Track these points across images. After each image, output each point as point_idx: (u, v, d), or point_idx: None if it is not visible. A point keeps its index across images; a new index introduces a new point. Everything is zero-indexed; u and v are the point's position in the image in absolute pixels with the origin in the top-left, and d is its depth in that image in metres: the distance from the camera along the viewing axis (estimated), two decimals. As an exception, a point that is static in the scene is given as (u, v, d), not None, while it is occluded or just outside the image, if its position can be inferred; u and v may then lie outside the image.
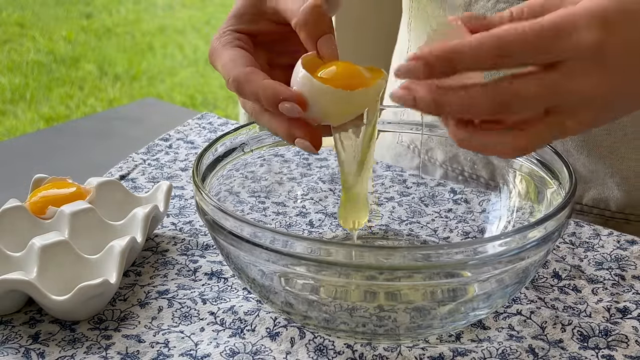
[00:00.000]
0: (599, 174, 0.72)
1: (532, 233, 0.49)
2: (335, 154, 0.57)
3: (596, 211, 0.74)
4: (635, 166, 0.71)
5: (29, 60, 3.33)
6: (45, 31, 3.62)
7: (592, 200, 0.74)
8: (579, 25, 0.43)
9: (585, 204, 0.75)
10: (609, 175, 0.72)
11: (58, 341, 0.54)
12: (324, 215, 0.69)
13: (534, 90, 0.44)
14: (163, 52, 3.53)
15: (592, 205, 0.74)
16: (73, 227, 0.61)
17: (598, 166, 0.72)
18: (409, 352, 0.52)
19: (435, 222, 0.68)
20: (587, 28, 0.43)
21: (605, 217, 0.74)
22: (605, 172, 0.72)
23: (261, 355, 0.53)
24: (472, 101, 0.44)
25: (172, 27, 3.77)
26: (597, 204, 0.74)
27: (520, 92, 0.44)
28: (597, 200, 0.74)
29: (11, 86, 3.11)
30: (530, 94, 0.44)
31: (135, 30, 3.71)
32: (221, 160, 0.62)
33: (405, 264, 0.48)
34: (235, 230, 0.51)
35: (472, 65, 0.44)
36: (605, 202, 0.73)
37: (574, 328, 0.55)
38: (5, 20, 3.70)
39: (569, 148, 0.73)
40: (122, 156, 0.83)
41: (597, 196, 0.74)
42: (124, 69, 3.33)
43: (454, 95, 0.45)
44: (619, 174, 0.72)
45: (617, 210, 0.73)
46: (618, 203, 0.73)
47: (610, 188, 0.73)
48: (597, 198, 0.74)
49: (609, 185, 0.72)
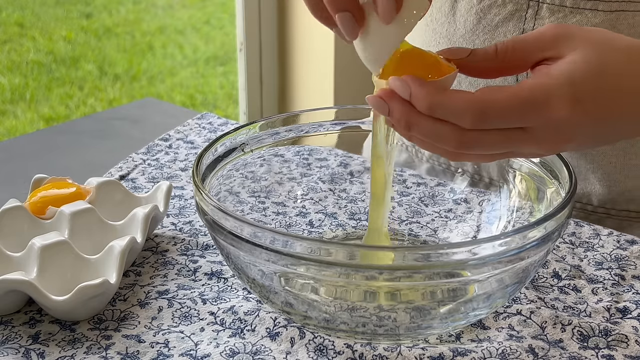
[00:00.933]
0: (581, 169, 0.73)
1: (532, 233, 0.49)
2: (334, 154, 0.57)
3: (579, 206, 0.75)
4: (616, 162, 0.71)
5: (28, 60, 3.33)
6: (45, 31, 3.62)
7: (575, 195, 0.75)
8: (553, 101, 0.47)
9: None
10: (590, 171, 0.72)
11: (58, 341, 0.54)
12: (324, 215, 0.69)
13: (498, 141, 0.49)
14: (163, 52, 3.53)
15: (575, 200, 0.75)
16: (73, 227, 0.61)
17: (580, 161, 0.73)
18: (409, 352, 0.52)
19: (435, 222, 0.68)
20: (560, 104, 0.47)
21: (588, 211, 0.74)
22: (587, 168, 0.73)
23: (261, 355, 0.53)
24: (439, 135, 0.49)
25: (172, 27, 3.77)
26: (580, 199, 0.74)
27: (485, 140, 0.48)
28: (579, 195, 0.74)
29: (11, 86, 3.10)
30: (494, 143, 0.49)
31: (135, 30, 3.71)
32: (221, 160, 0.62)
33: (405, 264, 0.48)
34: (235, 230, 0.51)
35: (449, 117, 0.48)
36: (587, 197, 0.74)
37: (574, 328, 0.55)
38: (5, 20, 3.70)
39: None
40: (122, 156, 0.83)
41: (579, 191, 0.74)
42: (124, 69, 3.33)
43: (424, 123, 0.49)
44: (600, 170, 0.72)
45: (599, 204, 0.74)
46: (600, 198, 0.73)
47: (592, 183, 0.73)
48: (579, 193, 0.74)
49: (591, 181, 0.73)
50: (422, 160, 0.81)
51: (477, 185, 0.74)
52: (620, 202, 0.73)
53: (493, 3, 0.70)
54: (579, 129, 0.49)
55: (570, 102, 0.47)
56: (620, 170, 0.71)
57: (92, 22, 3.76)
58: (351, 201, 0.71)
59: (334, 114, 0.67)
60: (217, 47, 3.57)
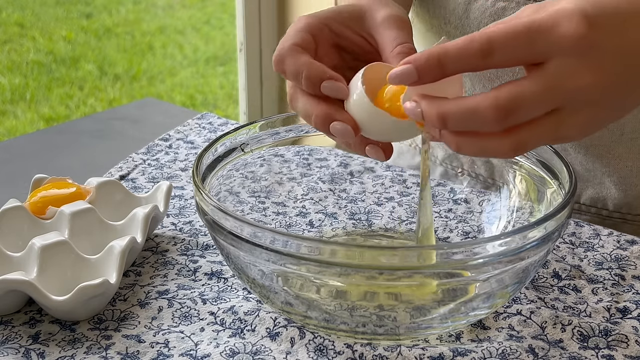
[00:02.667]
0: (596, 173, 0.72)
1: (532, 233, 0.49)
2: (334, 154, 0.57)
3: (594, 210, 0.74)
4: (632, 165, 0.71)
5: (28, 61, 3.33)
6: (45, 31, 3.62)
7: (590, 200, 0.74)
8: (560, 20, 0.44)
9: (583, 203, 0.75)
10: (606, 175, 0.72)
11: (58, 341, 0.54)
12: (324, 215, 0.69)
13: (532, 90, 0.44)
14: (163, 52, 3.53)
15: (589, 204, 0.74)
16: (73, 227, 0.61)
17: (595, 165, 0.72)
18: (409, 352, 0.52)
19: (435, 222, 0.68)
20: (569, 21, 0.44)
21: (603, 216, 0.74)
22: (602, 172, 0.72)
23: (261, 355, 0.53)
24: (474, 107, 0.45)
25: (172, 27, 3.77)
26: (595, 203, 0.74)
27: (520, 94, 0.44)
28: (594, 200, 0.74)
29: (11, 86, 3.10)
30: (530, 95, 0.44)
31: (135, 30, 3.71)
32: (221, 160, 0.62)
33: (405, 264, 0.48)
34: (235, 231, 0.51)
35: (459, 65, 0.45)
36: (602, 201, 0.74)
37: (574, 328, 0.55)
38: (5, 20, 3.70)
39: (566, 147, 0.73)
40: (122, 156, 0.83)
41: (594, 195, 0.74)
42: (124, 69, 3.33)
43: (453, 103, 0.45)
44: (616, 173, 0.72)
45: (615, 209, 0.73)
46: (615, 202, 0.73)
47: (608, 187, 0.73)
48: (594, 197, 0.74)
49: (607, 185, 0.73)
50: (436, 164, 0.80)
51: (477, 185, 0.74)
52: (636, 207, 0.73)
53: (507, 5, 0.69)
54: (603, 48, 0.44)
55: (582, 19, 0.44)
56: (637, 174, 0.71)
57: (92, 22, 3.76)
58: (351, 201, 0.71)
59: (334, 114, 0.67)
60: (217, 47, 3.57)
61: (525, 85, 0.44)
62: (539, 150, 0.60)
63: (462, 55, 0.45)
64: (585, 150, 0.72)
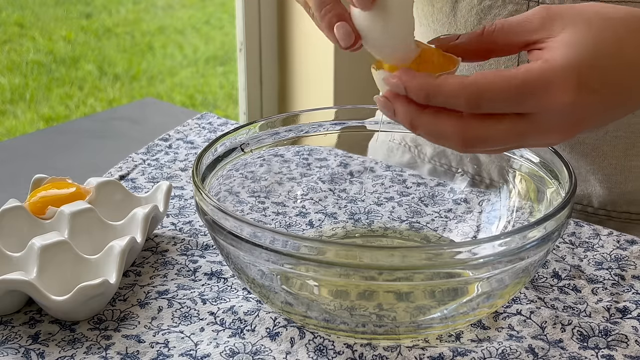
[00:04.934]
0: (582, 171, 0.73)
1: (532, 233, 0.49)
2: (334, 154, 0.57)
3: (579, 207, 0.75)
4: (616, 163, 0.71)
5: (28, 61, 3.33)
6: (45, 31, 3.62)
7: (575, 197, 0.74)
8: (554, 87, 0.46)
9: None
10: (591, 172, 0.72)
11: (58, 341, 0.54)
12: (323, 215, 0.69)
13: (503, 132, 0.47)
14: (163, 52, 3.53)
15: (575, 201, 0.75)
16: (73, 227, 0.61)
17: (580, 163, 0.73)
18: (409, 352, 0.52)
19: (435, 222, 0.68)
20: (562, 90, 0.46)
21: (588, 213, 0.74)
22: (587, 169, 0.72)
23: (261, 355, 0.53)
24: (442, 132, 0.48)
25: (172, 27, 3.77)
26: (580, 201, 0.74)
27: (489, 132, 0.47)
28: (580, 197, 0.74)
29: (11, 86, 3.10)
30: (498, 134, 0.48)
31: (135, 30, 3.71)
32: (221, 160, 0.62)
33: (405, 264, 0.48)
34: (235, 230, 0.51)
35: (446, 103, 0.47)
36: (588, 198, 0.74)
37: (574, 328, 0.55)
38: (5, 20, 3.70)
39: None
40: (122, 156, 0.83)
41: (579, 193, 0.74)
42: (124, 69, 3.33)
43: (426, 122, 0.48)
44: (600, 171, 0.72)
45: (600, 206, 0.74)
46: (600, 200, 0.73)
47: (593, 185, 0.73)
48: (580, 194, 0.74)
49: (591, 182, 0.73)
50: (424, 161, 0.81)
51: (477, 185, 0.74)
52: (620, 204, 0.73)
53: (493, 3, 0.70)
54: (588, 110, 0.47)
55: (574, 87, 0.46)
56: (621, 172, 0.71)
57: (92, 22, 3.76)
58: (351, 201, 0.71)
59: (334, 114, 0.67)
60: (217, 47, 3.57)
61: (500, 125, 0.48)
62: (539, 150, 0.60)
63: (449, 97, 0.47)
64: (571, 148, 0.72)
